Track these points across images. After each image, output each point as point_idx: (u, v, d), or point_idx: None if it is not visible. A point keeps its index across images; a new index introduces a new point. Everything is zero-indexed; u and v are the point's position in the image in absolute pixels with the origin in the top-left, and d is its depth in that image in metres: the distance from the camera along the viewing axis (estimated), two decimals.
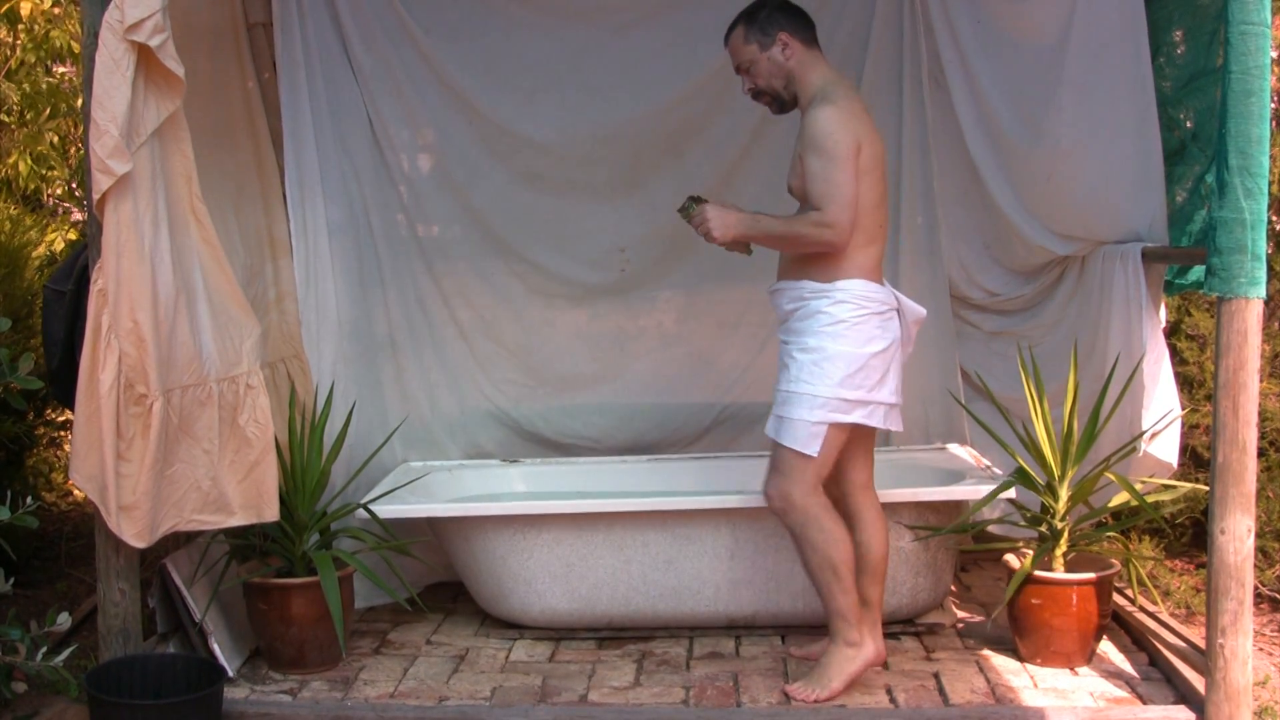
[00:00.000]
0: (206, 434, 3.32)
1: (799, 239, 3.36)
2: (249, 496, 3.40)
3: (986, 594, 4.23)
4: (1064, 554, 3.56)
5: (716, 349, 4.63)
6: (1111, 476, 3.52)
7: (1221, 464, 3.00)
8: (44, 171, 5.52)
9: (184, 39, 3.26)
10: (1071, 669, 3.52)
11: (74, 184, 5.88)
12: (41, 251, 4.93)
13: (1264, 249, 2.95)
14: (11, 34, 5.59)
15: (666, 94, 4.44)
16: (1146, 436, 3.61)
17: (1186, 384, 4.41)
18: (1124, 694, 3.36)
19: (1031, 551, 3.58)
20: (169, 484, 3.26)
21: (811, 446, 3.31)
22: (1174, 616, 3.90)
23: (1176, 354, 4.41)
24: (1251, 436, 2.99)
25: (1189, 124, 3.84)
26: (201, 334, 3.33)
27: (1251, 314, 2.97)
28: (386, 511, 3.83)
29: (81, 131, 4.23)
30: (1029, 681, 3.45)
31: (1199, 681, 3.19)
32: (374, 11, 4.35)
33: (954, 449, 4.34)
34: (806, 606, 3.72)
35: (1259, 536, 4.04)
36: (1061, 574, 3.51)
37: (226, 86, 3.96)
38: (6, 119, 5.59)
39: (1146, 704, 3.28)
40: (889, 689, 3.42)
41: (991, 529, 4.14)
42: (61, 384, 3.44)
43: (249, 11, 4.10)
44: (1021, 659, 3.59)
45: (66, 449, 5.04)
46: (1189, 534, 4.57)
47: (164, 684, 3.24)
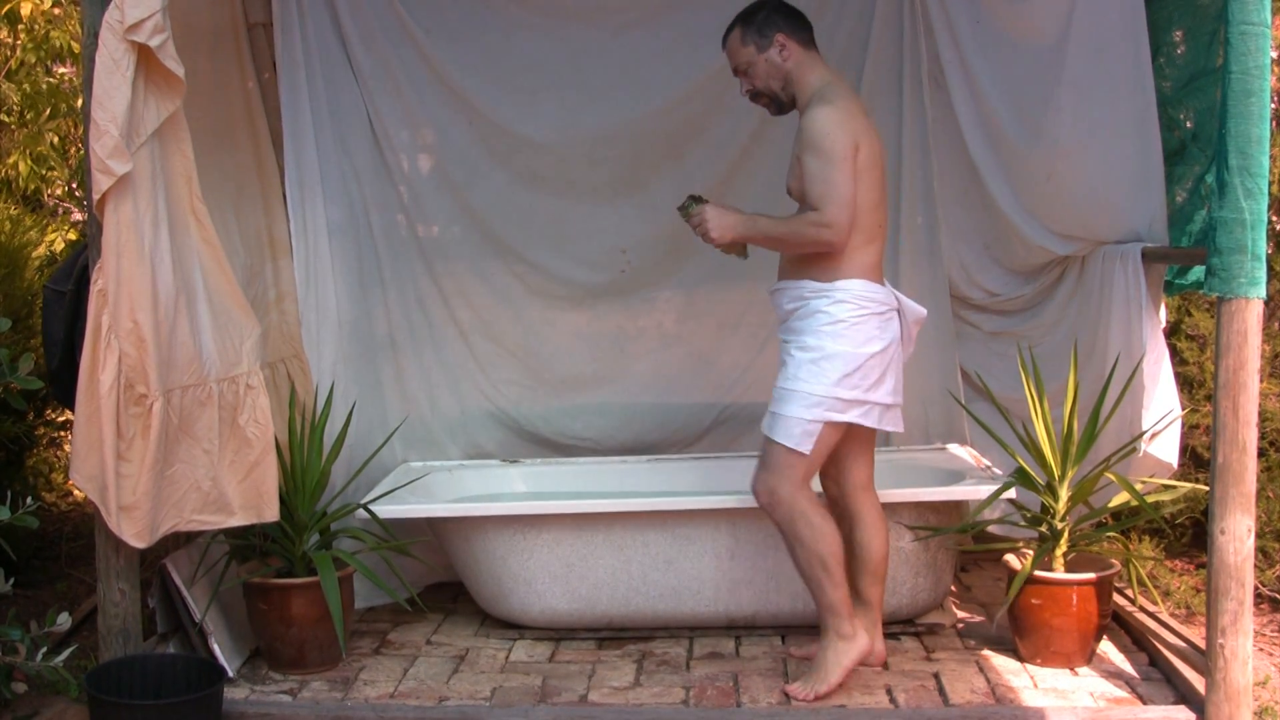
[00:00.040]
0: (206, 434, 3.32)
1: (797, 239, 3.36)
2: (249, 497, 3.40)
3: (986, 594, 4.23)
4: (1064, 554, 3.55)
5: (717, 349, 4.63)
6: (1111, 477, 3.52)
7: (1221, 464, 3.00)
8: (44, 172, 5.52)
9: (184, 39, 3.26)
10: (1071, 669, 3.52)
11: (74, 184, 5.88)
12: (41, 252, 4.92)
13: (1264, 249, 2.95)
14: (12, 34, 5.59)
15: (667, 95, 4.43)
16: (1146, 437, 3.61)
17: (1186, 384, 4.41)
18: (1124, 694, 3.36)
19: (1032, 552, 3.58)
20: (169, 484, 3.26)
21: (805, 444, 3.31)
22: (1174, 616, 3.90)
23: (1176, 354, 4.40)
24: (1251, 437, 2.99)
25: (1189, 124, 3.84)
26: (201, 334, 3.33)
27: (1251, 314, 2.97)
28: (386, 512, 3.83)
29: (81, 132, 4.23)
30: (1029, 681, 3.45)
31: (1199, 682, 3.19)
32: (374, 12, 4.35)
33: (954, 449, 4.34)
34: (806, 606, 3.71)
35: (1259, 536, 4.04)
36: (1061, 574, 3.51)
37: (226, 87, 3.96)
38: (6, 119, 5.59)
39: (1146, 704, 3.28)
40: (889, 689, 3.42)
41: (991, 529, 4.14)
42: (61, 384, 3.44)
43: (249, 12, 4.10)
44: (1021, 659, 3.59)
45: (66, 449, 5.04)
46: (1189, 534, 4.56)
47: (164, 684, 3.24)
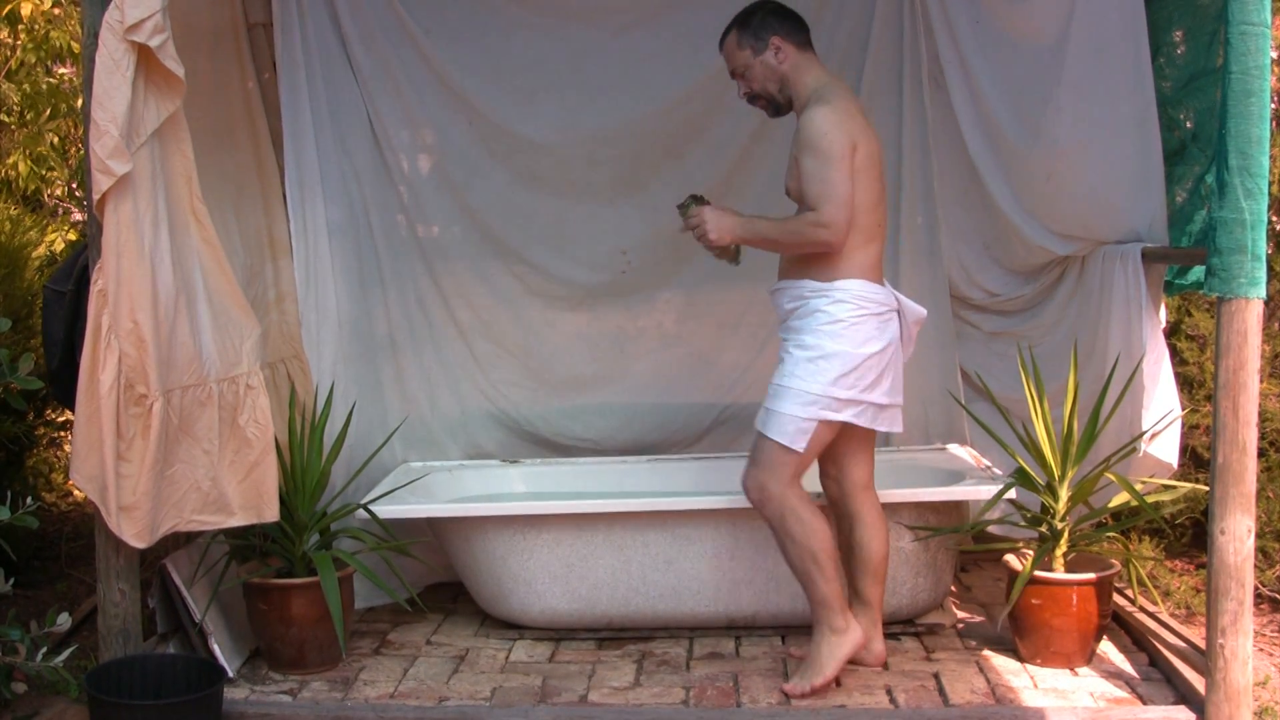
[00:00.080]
0: (206, 434, 3.32)
1: (795, 239, 3.36)
2: (249, 497, 3.40)
3: (986, 594, 4.23)
4: (1064, 554, 3.55)
5: (717, 349, 4.63)
6: (1111, 477, 3.52)
7: (1221, 464, 3.00)
8: (44, 172, 5.52)
9: (184, 39, 3.26)
10: (1071, 669, 3.52)
11: (74, 184, 5.88)
12: (41, 252, 4.92)
13: (1264, 249, 2.95)
14: (12, 35, 5.59)
15: (667, 95, 4.43)
16: (1146, 437, 3.61)
17: (1186, 384, 4.41)
18: (1124, 694, 3.36)
19: (1032, 552, 3.58)
20: (169, 484, 3.26)
21: (799, 442, 3.32)
22: (1174, 617, 3.90)
23: (1176, 354, 4.40)
24: (1251, 437, 2.99)
25: (1189, 124, 3.84)
26: (201, 334, 3.33)
27: (1251, 314, 2.97)
28: (386, 512, 3.83)
29: (82, 132, 4.23)
30: (1029, 682, 3.45)
31: (1199, 682, 3.19)
32: (374, 12, 4.35)
33: (954, 449, 4.34)
34: (806, 606, 3.69)
35: (1259, 537, 4.04)
36: (1061, 574, 3.50)
37: (226, 87, 3.96)
38: (6, 119, 5.59)
39: (1147, 704, 3.28)
40: (889, 689, 3.42)
41: (991, 529, 4.14)
42: (61, 384, 3.44)
43: (249, 12, 4.10)
44: (1021, 659, 3.59)
45: (67, 449, 5.04)
46: (1189, 534, 4.56)
47: (164, 684, 3.24)
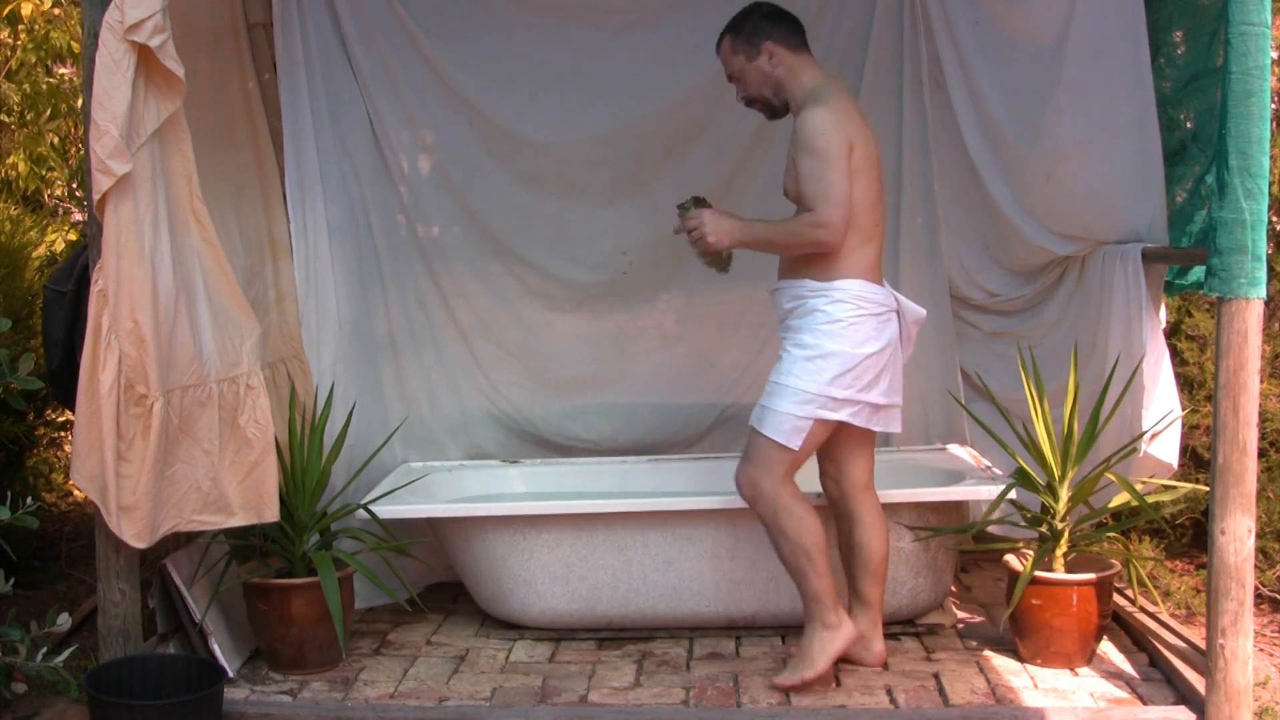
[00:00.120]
0: (207, 434, 3.32)
1: (794, 240, 3.37)
2: (249, 497, 3.40)
3: (986, 594, 4.23)
4: (1064, 554, 3.55)
5: (717, 350, 4.63)
6: (1112, 477, 3.52)
7: (1222, 464, 3.00)
8: (44, 173, 5.52)
9: (184, 39, 3.26)
10: (1072, 669, 3.52)
11: (74, 184, 5.88)
12: (42, 252, 4.92)
13: (1264, 249, 2.95)
14: (12, 35, 5.59)
15: (667, 96, 4.43)
16: (1147, 437, 3.61)
17: (1187, 384, 4.41)
18: (1124, 694, 3.36)
19: (1032, 552, 3.58)
20: (169, 484, 3.26)
21: (794, 440, 3.33)
22: (1174, 617, 3.90)
23: (1177, 354, 4.40)
24: (1252, 437, 2.99)
25: (1189, 124, 3.84)
26: (202, 334, 3.33)
27: (1252, 314, 2.97)
28: (386, 512, 3.83)
29: (82, 132, 4.23)
30: (1029, 682, 3.45)
31: (1199, 682, 3.19)
32: (374, 12, 4.35)
33: (954, 449, 4.34)
34: None
35: (1259, 537, 4.04)
36: (1062, 574, 3.50)
37: (227, 87, 3.96)
38: (7, 119, 5.59)
39: (1147, 704, 3.28)
40: (889, 689, 3.42)
41: (991, 529, 4.14)
42: (61, 384, 3.44)
43: (249, 12, 4.10)
44: (1022, 659, 3.59)
45: (67, 449, 5.04)
46: (1189, 534, 4.56)
47: (164, 684, 3.24)
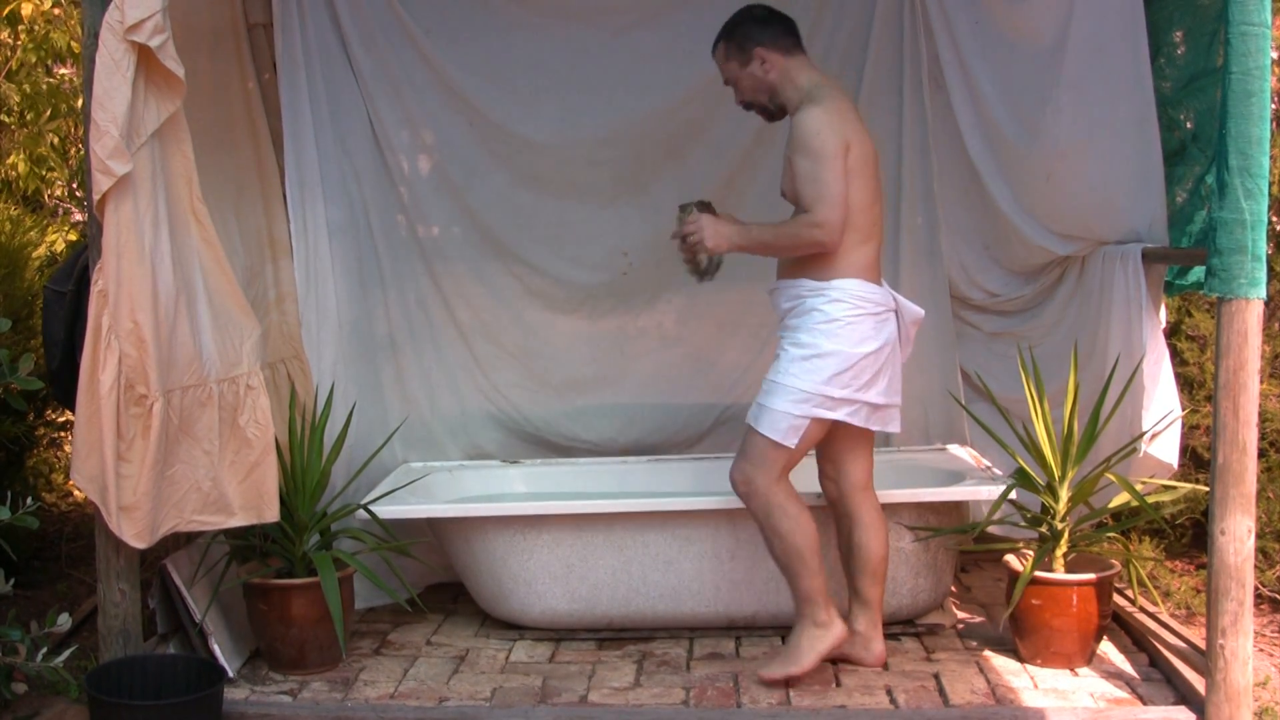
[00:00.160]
0: (207, 435, 3.32)
1: (792, 242, 3.38)
2: (249, 497, 3.40)
3: (986, 595, 4.22)
4: (1064, 555, 3.55)
5: (717, 350, 4.63)
6: (1112, 477, 3.52)
7: (1222, 465, 3.00)
8: (44, 173, 5.52)
9: (184, 40, 3.26)
10: (1072, 670, 3.52)
11: (74, 185, 5.88)
12: (42, 252, 4.92)
13: (1264, 250, 2.95)
14: (12, 35, 5.59)
15: (668, 96, 4.43)
16: (1147, 437, 3.61)
17: (1187, 385, 4.41)
18: (1124, 695, 3.36)
19: (1032, 552, 3.58)
20: (169, 485, 3.26)
21: (790, 439, 3.34)
22: (1174, 617, 3.89)
23: (1177, 354, 4.40)
24: (1252, 437, 2.99)
25: (1189, 124, 3.84)
26: (202, 335, 3.33)
27: (1252, 315, 2.97)
28: (387, 512, 3.83)
29: (82, 132, 4.23)
30: (1029, 682, 3.45)
31: (1199, 682, 3.19)
32: (374, 12, 4.35)
33: (954, 450, 4.34)
34: None
35: (1259, 537, 4.03)
36: (1062, 575, 3.50)
37: (227, 87, 3.96)
38: (7, 120, 5.59)
39: (1147, 705, 3.28)
40: (889, 690, 3.42)
41: (991, 529, 4.13)
42: (62, 385, 3.44)
43: (249, 12, 4.10)
44: (1022, 660, 3.59)
45: (67, 450, 5.04)
46: (1189, 535, 4.56)
47: (164, 685, 3.24)
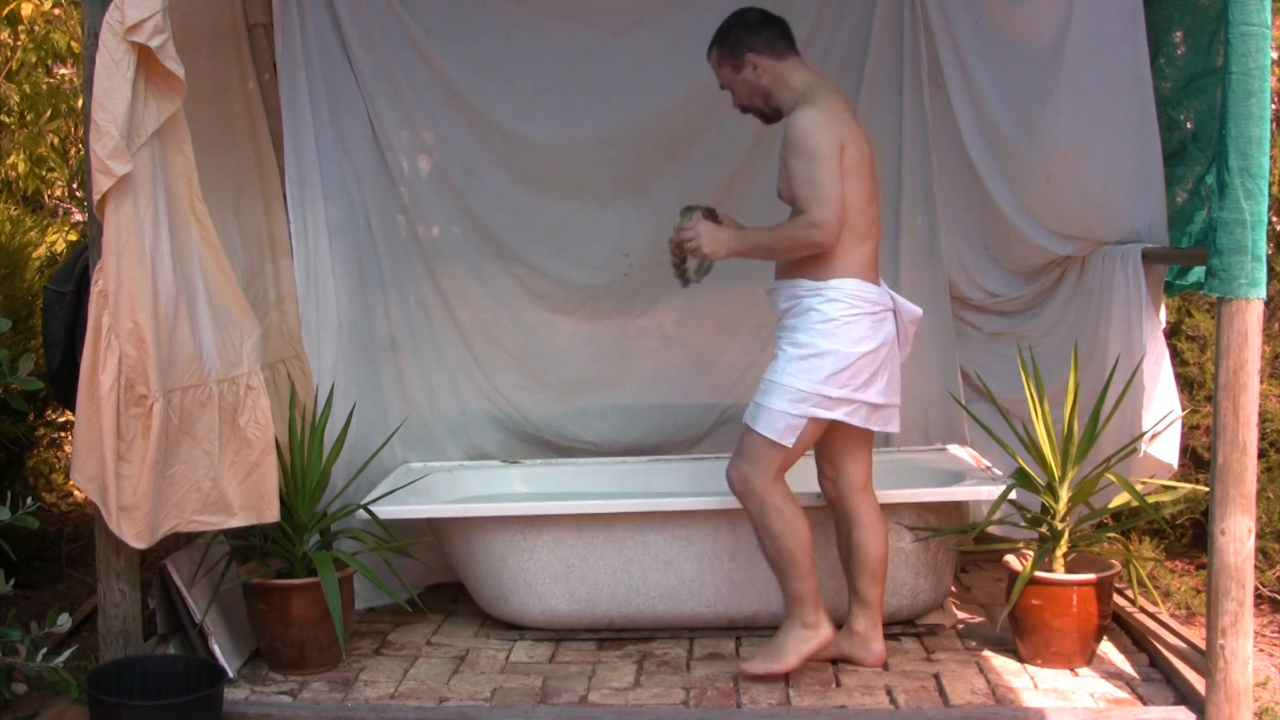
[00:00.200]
0: (207, 435, 3.32)
1: (789, 243, 3.39)
2: (249, 497, 3.40)
3: (987, 595, 4.22)
4: (1064, 555, 3.55)
5: (717, 350, 4.63)
6: (1112, 477, 3.52)
7: (1222, 465, 3.00)
8: (43, 173, 5.52)
9: (184, 40, 3.26)
10: (1072, 670, 3.52)
11: (74, 185, 5.88)
12: (42, 252, 4.93)
13: (1264, 250, 2.95)
14: (12, 35, 5.59)
15: (668, 96, 4.43)
16: (1147, 437, 3.61)
17: (1187, 385, 4.41)
18: (1124, 695, 3.36)
19: (1032, 553, 3.58)
20: (169, 485, 3.26)
21: (788, 438, 3.35)
22: (1174, 617, 3.89)
23: (1177, 355, 4.40)
24: (1252, 437, 2.99)
25: (1189, 125, 3.84)
26: (202, 335, 3.33)
27: (1252, 315, 2.97)
28: (387, 512, 3.83)
29: (82, 132, 4.23)
30: (1029, 682, 3.45)
31: (1199, 682, 3.19)
32: (374, 13, 4.35)
33: (954, 450, 4.33)
34: None
35: (1259, 537, 4.03)
36: (1062, 575, 3.50)
37: (227, 87, 3.96)
38: (7, 120, 5.59)
39: (1147, 705, 3.28)
40: (889, 690, 3.42)
41: (992, 529, 4.13)
42: (62, 385, 3.44)
43: (249, 12, 4.10)
44: (1022, 660, 3.59)
45: (67, 450, 5.04)
46: (1189, 535, 4.56)
47: (164, 685, 3.24)
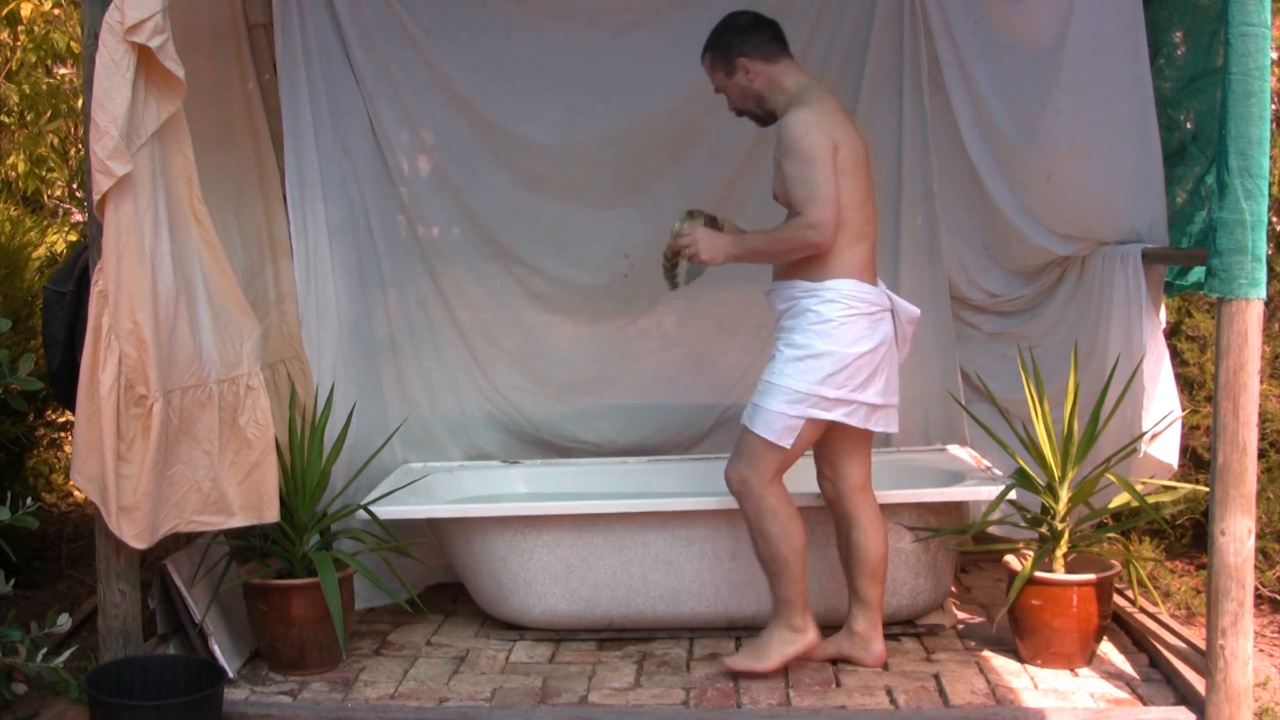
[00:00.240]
0: (207, 435, 3.32)
1: (786, 245, 3.39)
2: (249, 498, 3.40)
3: (987, 595, 4.22)
4: (1064, 555, 3.55)
5: (717, 351, 4.62)
6: (1112, 477, 3.52)
7: (1222, 465, 3.00)
8: (43, 174, 5.52)
9: (184, 40, 3.26)
10: (1072, 670, 3.52)
11: (74, 185, 5.88)
12: (42, 252, 4.93)
13: (1264, 250, 2.95)
14: (12, 35, 5.59)
15: (669, 97, 4.42)
16: (1147, 437, 3.61)
17: (1187, 385, 4.41)
18: (1124, 695, 3.36)
19: (1032, 553, 3.58)
20: (169, 485, 3.26)
21: (786, 439, 3.35)
22: (1174, 617, 3.90)
23: (1177, 355, 4.40)
24: (1252, 438, 2.99)
25: (1189, 125, 3.84)
26: (202, 335, 3.33)
27: (1252, 315, 2.97)
28: (387, 513, 3.83)
29: (82, 133, 4.23)
30: (1029, 683, 3.45)
31: (1199, 683, 3.19)
32: (374, 13, 4.34)
33: (954, 450, 4.33)
34: None
35: (1259, 538, 4.03)
36: (1062, 575, 3.50)
37: (227, 88, 3.96)
38: (7, 120, 5.59)
39: (1147, 705, 3.28)
40: (889, 690, 3.42)
41: (992, 530, 4.14)
42: (62, 385, 3.44)
43: (249, 13, 4.10)
44: (1022, 660, 3.59)
45: (67, 450, 5.04)
46: (1189, 535, 4.56)
47: (164, 685, 3.24)
